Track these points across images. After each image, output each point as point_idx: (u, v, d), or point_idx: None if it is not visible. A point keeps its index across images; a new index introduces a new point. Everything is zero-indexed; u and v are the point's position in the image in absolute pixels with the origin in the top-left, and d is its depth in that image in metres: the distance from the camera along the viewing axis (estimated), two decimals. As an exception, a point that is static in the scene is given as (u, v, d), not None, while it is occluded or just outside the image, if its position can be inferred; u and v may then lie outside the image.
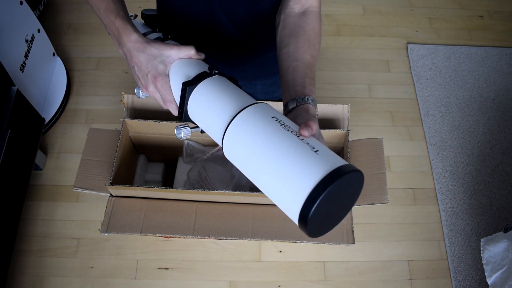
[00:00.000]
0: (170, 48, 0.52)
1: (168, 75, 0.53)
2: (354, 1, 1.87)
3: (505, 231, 1.04)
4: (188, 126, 0.53)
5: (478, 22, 1.83)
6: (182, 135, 0.52)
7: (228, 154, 0.45)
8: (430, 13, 1.85)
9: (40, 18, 1.66)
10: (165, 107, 0.54)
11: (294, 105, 0.52)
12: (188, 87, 0.49)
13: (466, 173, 1.44)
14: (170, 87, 0.52)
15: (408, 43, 1.75)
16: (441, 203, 1.38)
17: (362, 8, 1.85)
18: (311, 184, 0.35)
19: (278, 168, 0.38)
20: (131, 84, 1.57)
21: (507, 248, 1.00)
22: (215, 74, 0.51)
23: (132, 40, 0.53)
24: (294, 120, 0.50)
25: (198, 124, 0.51)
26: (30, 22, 1.35)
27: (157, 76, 0.51)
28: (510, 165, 1.46)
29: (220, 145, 0.46)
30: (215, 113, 0.46)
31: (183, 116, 0.51)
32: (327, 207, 0.37)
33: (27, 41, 1.33)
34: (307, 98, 0.52)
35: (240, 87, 0.51)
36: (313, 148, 0.38)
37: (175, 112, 0.53)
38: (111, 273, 1.23)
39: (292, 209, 0.37)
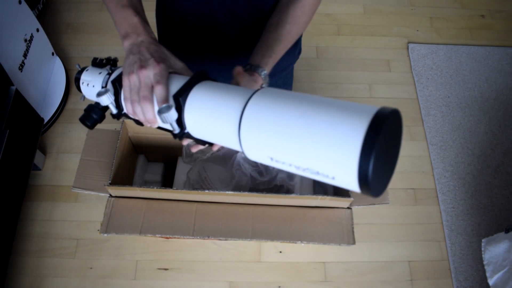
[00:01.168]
0: (180, 61, 0.54)
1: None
2: (355, 1, 1.86)
3: (507, 231, 1.03)
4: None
5: (479, 21, 1.83)
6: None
7: (251, 146, 0.40)
8: (431, 13, 1.84)
9: (39, 17, 1.65)
10: (137, 98, 0.49)
11: (246, 68, 0.58)
12: (180, 98, 0.45)
13: (467, 173, 1.43)
14: (167, 76, 0.49)
15: (409, 42, 1.74)
16: (442, 203, 1.38)
17: (363, 7, 1.84)
18: (360, 135, 0.32)
19: (317, 133, 0.34)
20: (131, 84, 1.57)
21: (508, 249, 1.00)
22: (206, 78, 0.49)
23: (150, 36, 0.53)
24: (237, 82, 0.55)
25: (201, 136, 0.47)
26: (29, 21, 1.34)
27: (160, 62, 0.49)
28: (511, 165, 1.46)
29: (238, 144, 0.41)
30: (221, 111, 0.42)
31: (183, 128, 0.47)
32: (381, 158, 0.33)
33: (26, 40, 1.32)
34: (259, 70, 0.58)
35: None
36: (341, 104, 0.36)
37: (162, 93, 0.47)
38: (110, 274, 1.23)
39: (347, 171, 0.33)
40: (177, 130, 0.47)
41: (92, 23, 1.71)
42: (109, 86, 0.54)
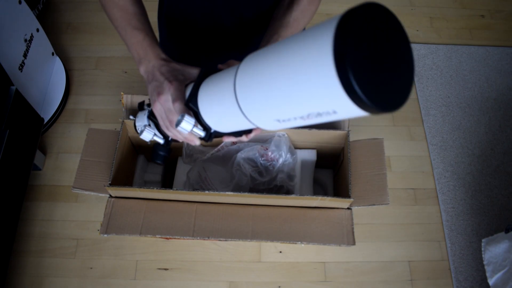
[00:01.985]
0: (194, 68, 0.54)
1: (185, 86, 0.52)
2: (355, 1, 1.86)
3: (507, 231, 1.03)
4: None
5: (479, 21, 1.83)
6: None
7: (254, 117, 0.38)
8: (431, 13, 1.84)
9: (39, 17, 1.65)
10: (168, 123, 0.52)
11: None
12: (190, 103, 0.48)
13: (467, 173, 1.43)
14: (184, 92, 0.51)
15: (408, 42, 1.74)
16: (442, 203, 1.38)
17: (363, 7, 1.84)
18: (329, 52, 0.27)
19: (294, 74, 0.31)
20: (131, 84, 1.57)
21: (508, 249, 1.00)
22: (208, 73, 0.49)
23: (160, 57, 0.55)
24: None
25: (226, 129, 0.48)
26: (29, 21, 1.34)
27: (173, 81, 0.51)
28: (511, 165, 1.46)
29: (248, 121, 0.40)
30: (220, 96, 0.42)
31: (208, 133, 0.49)
32: (374, 65, 0.28)
33: (26, 40, 1.32)
34: None
35: None
36: (307, 33, 0.32)
37: (179, 109, 0.50)
38: (110, 274, 1.23)
39: (337, 97, 0.28)
40: (202, 134, 0.49)
41: (92, 23, 1.71)
42: (149, 122, 0.59)
